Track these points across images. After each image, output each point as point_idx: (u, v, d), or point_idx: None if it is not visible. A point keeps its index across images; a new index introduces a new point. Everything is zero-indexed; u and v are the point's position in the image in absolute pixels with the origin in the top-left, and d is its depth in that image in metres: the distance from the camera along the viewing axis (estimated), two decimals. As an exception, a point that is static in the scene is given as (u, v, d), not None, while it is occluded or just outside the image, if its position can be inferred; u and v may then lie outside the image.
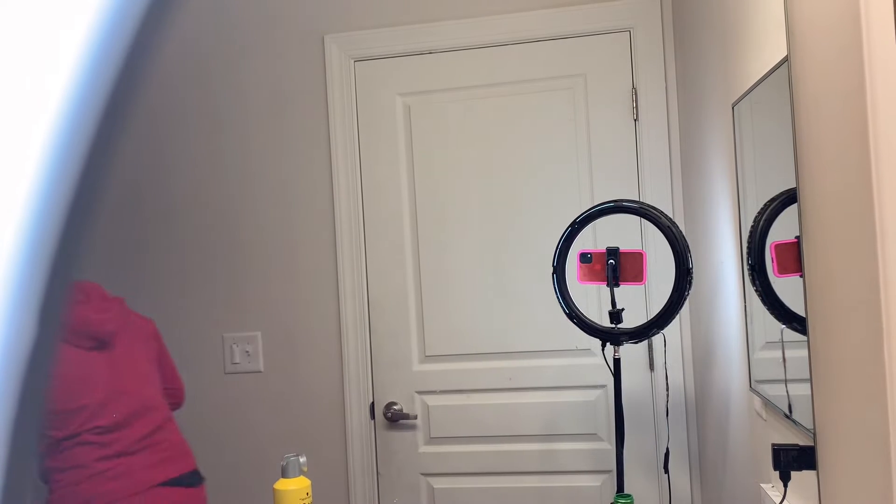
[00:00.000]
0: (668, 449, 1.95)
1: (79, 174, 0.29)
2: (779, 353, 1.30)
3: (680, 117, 2.24)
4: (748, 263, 1.40)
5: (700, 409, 2.19)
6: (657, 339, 2.19)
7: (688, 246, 1.72)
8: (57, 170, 0.28)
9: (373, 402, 2.40)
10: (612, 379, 1.81)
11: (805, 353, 1.08)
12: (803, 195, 1.05)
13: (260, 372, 2.46)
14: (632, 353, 2.23)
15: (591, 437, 2.29)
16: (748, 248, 1.40)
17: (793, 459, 1.13)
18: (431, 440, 2.37)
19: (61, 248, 0.29)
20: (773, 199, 1.29)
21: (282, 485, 1.47)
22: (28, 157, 0.28)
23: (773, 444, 1.15)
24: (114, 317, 1.86)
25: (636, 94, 2.27)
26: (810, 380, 1.06)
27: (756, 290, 1.36)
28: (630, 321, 1.82)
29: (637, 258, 1.77)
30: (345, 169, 2.40)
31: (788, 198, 1.18)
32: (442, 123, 2.37)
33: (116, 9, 0.29)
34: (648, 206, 1.76)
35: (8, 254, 0.28)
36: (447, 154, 2.36)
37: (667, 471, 1.91)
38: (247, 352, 2.46)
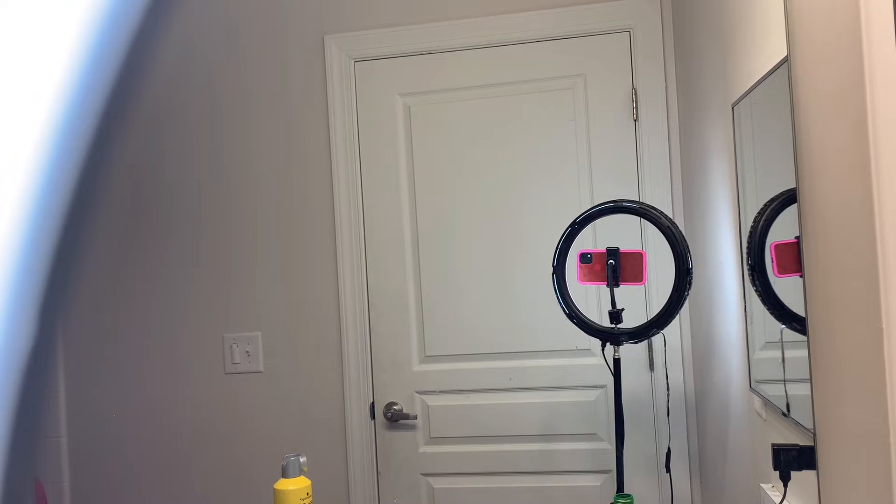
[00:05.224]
0: (669, 448, 1.95)
1: (78, 173, 0.29)
2: (779, 353, 1.30)
3: (680, 117, 2.24)
4: (748, 263, 1.40)
5: (700, 409, 2.19)
6: (657, 339, 2.20)
7: (688, 246, 1.72)
8: (56, 169, 0.28)
9: (373, 402, 2.40)
10: (612, 379, 1.81)
11: (805, 353, 1.08)
12: (803, 195, 1.05)
13: (260, 372, 2.46)
14: (632, 353, 2.23)
15: (591, 436, 2.30)
16: (748, 248, 1.40)
17: (793, 459, 1.13)
18: (431, 440, 2.37)
19: (60, 247, 0.29)
20: (773, 199, 1.29)
21: (282, 485, 1.47)
22: (26, 157, 0.28)
23: (773, 444, 1.15)
24: None
25: (636, 94, 2.27)
26: (810, 380, 1.06)
27: (756, 290, 1.36)
28: (630, 321, 1.82)
29: (637, 258, 1.77)
30: (345, 169, 2.40)
31: (788, 198, 1.18)
32: (442, 123, 2.37)
33: (116, 6, 0.29)
34: (648, 206, 1.76)
35: (6, 254, 0.28)
36: (447, 154, 2.37)
37: (669, 470, 1.92)
38: (247, 352, 2.46)
